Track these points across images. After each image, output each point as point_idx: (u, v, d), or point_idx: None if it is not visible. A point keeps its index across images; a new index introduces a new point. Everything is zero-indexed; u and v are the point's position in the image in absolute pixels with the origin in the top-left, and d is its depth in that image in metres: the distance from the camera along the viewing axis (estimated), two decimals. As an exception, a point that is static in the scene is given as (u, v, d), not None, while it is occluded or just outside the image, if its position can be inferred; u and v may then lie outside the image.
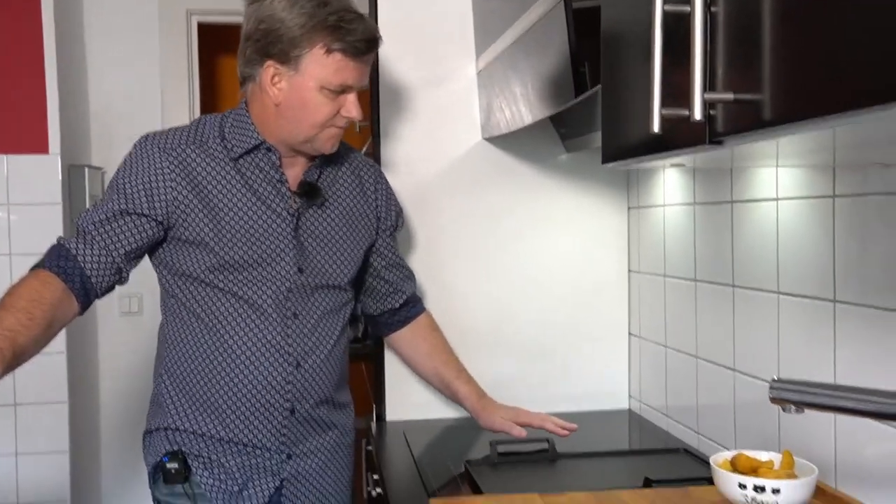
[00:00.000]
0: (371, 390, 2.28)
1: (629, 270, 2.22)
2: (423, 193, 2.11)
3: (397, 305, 1.80)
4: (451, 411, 2.15)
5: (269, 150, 1.55)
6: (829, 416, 1.37)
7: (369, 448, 2.10)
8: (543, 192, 2.18)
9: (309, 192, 1.58)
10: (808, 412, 1.35)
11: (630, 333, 2.22)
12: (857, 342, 1.30)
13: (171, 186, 1.49)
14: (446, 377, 1.79)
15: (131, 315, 3.30)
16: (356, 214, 1.67)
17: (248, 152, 1.55)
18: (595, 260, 2.20)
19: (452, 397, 1.81)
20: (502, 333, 2.17)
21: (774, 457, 1.37)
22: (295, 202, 1.57)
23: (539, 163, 2.18)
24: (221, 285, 1.53)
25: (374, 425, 2.15)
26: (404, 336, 1.84)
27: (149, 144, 1.52)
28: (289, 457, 1.58)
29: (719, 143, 0.87)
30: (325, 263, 1.60)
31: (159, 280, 1.59)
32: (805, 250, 1.43)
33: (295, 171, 1.59)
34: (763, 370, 1.56)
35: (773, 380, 0.90)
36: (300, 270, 1.56)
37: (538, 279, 2.18)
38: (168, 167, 1.50)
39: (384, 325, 1.84)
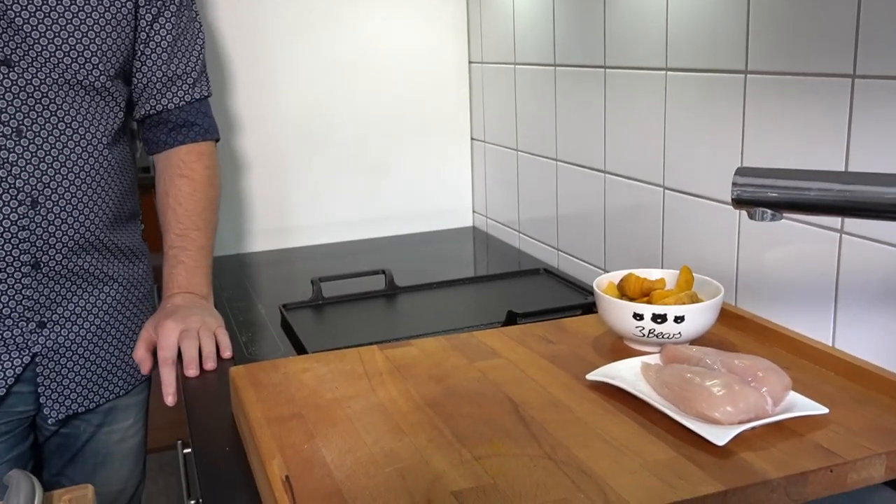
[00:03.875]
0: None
1: (469, 62, 1.84)
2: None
3: (140, 116, 1.26)
4: (262, 242, 1.77)
5: None
6: (730, 218, 1.11)
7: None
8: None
9: None
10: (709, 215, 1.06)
11: (472, 138, 1.88)
12: (767, 118, 1.01)
13: None
14: (168, 261, 1.25)
15: None
16: None
17: None
18: (427, 49, 1.81)
19: None
20: (321, 141, 1.77)
21: (666, 274, 1.10)
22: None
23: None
24: None
25: (166, 267, 1.73)
26: (157, 167, 1.30)
27: None
28: (41, 325, 1.16)
29: None
30: (56, 50, 1.10)
31: None
32: (707, 10, 1.10)
33: None
34: (643, 169, 1.27)
35: (740, 169, 0.58)
36: (6, 62, 1.07)
37: (359, 76, 1.77)
38: None
39: (144, 143, 1.31)
